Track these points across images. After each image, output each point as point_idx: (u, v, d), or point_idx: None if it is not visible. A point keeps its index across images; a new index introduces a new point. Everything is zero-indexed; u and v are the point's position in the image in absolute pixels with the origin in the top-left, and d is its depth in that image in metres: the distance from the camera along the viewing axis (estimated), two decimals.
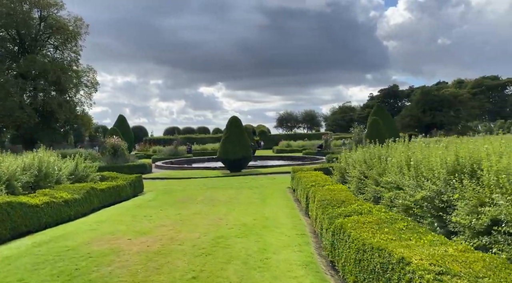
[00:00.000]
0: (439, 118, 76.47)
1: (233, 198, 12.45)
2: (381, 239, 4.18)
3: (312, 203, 8.36)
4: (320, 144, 35.37)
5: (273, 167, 24.20)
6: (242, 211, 9.95)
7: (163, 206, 11.27)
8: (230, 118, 23.01)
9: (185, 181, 18.82)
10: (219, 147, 22.74)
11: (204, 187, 15.81)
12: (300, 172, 12.72)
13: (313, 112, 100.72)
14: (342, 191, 8.35)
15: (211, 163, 31.82)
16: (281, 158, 33.95)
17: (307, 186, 9.74)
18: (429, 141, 13.01)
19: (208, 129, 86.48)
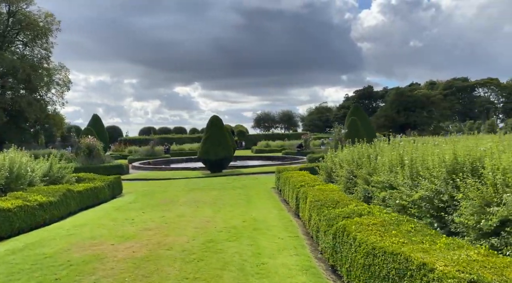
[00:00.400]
0: (412, 119, 78.15)
1: (217, 199, 12.08)
2: (392, 242, 3.94)
3: (304, 204, 8.11)
4: (300, 144, 35.34)
5: (254, 167, 23.90)
6: (229, 213, 9.61)
7: (145, 209, 10.78)
8: (211, 118, 22.57)
9: (165, 182, 18.28)
10: (200, 147, 22.26)
11: (185, 188, 15.35)
12: (286, 172, 12.47)
13: (290, 112, 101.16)
14: (334, 191, 8.14)
15: (190, 163, 31.24)
16: (261, 158, 33.72)
17: (296, 186, 9.49)
18: (409, 140, 13.07)
19: (185, 130, 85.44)
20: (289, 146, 43.94)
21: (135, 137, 63.82)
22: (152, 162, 31.39)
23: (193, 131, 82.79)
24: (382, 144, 11.01)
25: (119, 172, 23.05)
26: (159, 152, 37.41)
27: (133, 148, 43.99)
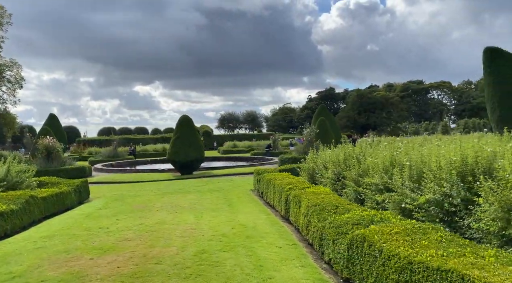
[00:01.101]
0: (372, 120, 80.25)
1: (196, 203, 11.41)
2: (429, 255, 3.56)
3: (296, 208, 7.67)
4: (268, 144, 35.05)
5: (226, 169, 23.28)
6: (214, 219, 9.00)
7: (119, 215, 9.95)
8: (181, 118, 21.72)
9: (134, 185, 17.29)
10: (169, 148, 21.36)
11: (158, 191, 14.52)
12: (267, 174, 12.01)
13: (254, 113, 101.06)
14: (329, 194, 7.76)
15: (157, 165, 30.14)
16: (229, 159, 33.08)
17: (284, 189, 9.04)
18: (379, 140, 13.03)
19: (146, 130, 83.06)
20: (256, 146, 43.61)
21: (95, 138, 61.18)
22: (116, 164, 29.99)
23: (155, 132, 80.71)
24: (365, 144, 10.83)
25: (82, 175, 21.74)
26: (122, 153, 35.88)
27: (94, 149, 42.05)
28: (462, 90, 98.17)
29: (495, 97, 18.29)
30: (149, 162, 33.31)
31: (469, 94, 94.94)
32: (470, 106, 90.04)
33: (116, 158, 33.83)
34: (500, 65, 18.28)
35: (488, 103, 19.16)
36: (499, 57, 18.50)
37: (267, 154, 33.31)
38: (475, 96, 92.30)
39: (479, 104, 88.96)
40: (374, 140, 15.76)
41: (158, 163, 32.83)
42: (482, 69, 19.31)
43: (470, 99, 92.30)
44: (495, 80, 18.31)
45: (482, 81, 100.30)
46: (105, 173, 24.02)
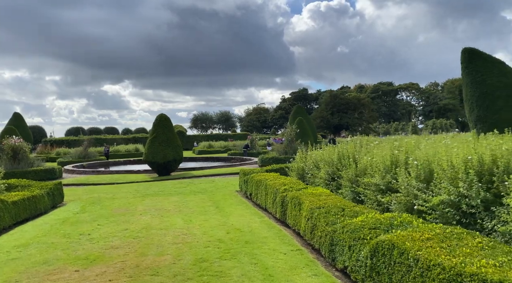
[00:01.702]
0: (345, 120, 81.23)
1: (181, 206, 10.79)
2: (481, 265, 3.20)
3: (295, 211, 7.24)
4: (246, 144, 34.55)
5: (206, 169, 22.62)
6: (204, 222, 8.45)
7: (99, 220, 9.21)
8: (158, 117, 20.88)
9: (110, 187, 16.40)
10: (146, 148, 20.48)
11: (137, 194, 13.76)
12: (255, 174, 11.53)
13: (228, 113, 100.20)
14: (330, 195, 7.38)
15: (131, 166, 29.06)
16: (206, 159, 32.38)
17: (279, 190, 8.59)
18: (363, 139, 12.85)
19: (117, 130, 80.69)
20: (233, 146, 43.04)
21: (62, 138, 58.64)
22: (87, 165, 28.67)
23: (126, 132, 78.62)
24: (361, 143, 10.56)
25: (51, 177, 20.61)
26: (93, 154, 34.46)
27: (62, 150, 40.28)
28: (430, 92, 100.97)
29: (473, 98, 18.54)
30: (122, 163, 32.13)
31: (436, 96, 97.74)
32: (437, 108, 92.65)
33: (87, 159, 32.45)
34: (478, 66, 18.53)
35: (466, 103, 19.41)
36: (476, 58, 18.76)
37: (244, 154, 32.81)
38: (442, 97, 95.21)
39: (445, 105, 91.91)
40: (351, 140, 15.51)
41: (132, 163, 31.74)
42: (448, 72, 19.56)
43: (437, 100, 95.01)
44: (473, 80, 18.55)
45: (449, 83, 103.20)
46: (77, 175, 22.84)
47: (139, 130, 76.12)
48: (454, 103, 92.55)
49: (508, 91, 17.66)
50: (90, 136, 55.24)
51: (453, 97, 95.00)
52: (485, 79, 18.14)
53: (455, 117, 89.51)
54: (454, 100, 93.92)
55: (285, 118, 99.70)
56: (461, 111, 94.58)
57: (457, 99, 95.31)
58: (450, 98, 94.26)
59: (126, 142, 52.78)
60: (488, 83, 18.03)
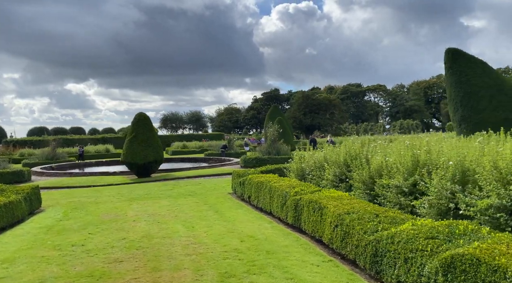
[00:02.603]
0: (317, 121, 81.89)
1: (175, 210, 10.01)
2: None
3: (315, 216, 6.67)
4: (224, 145, 33.77)
5: (187, 170, 21.74)
6: (209, 229, 7.75)
7: (89, 228, 8.32)
8: (137, 116, 19.81)
9: (89, 190, 15.28)
10: (124, 149, 19.37)
11: (122, 197, 12.80)
12: (254, 176, 10.90)
13: (199, 113, 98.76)
14: (352, 199, 6.87)
15: (104, 167, 27.67)
16: (182, 160, 31.35)
17: (289, 193, 8.01)
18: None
19: (83, 130, 77.69)
20: (208, 146, 42.13)
21: (25, 139, 55.66)
22: (56, 167, 27.02)
23: (94, 132, 75.83)
24: (362, 143, 10.16)
25: (19, 180, 19.17)
26: (62, 155, 32.63)
27: (26, 151, 38.06)
28: (396, 93, 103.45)
29: (458, 97, 18.71)
30: (94, 164, 30.58)
31: (402, 97, 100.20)
32: (403, 109, 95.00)
33: (56, 160, 30.68)
34: (462, 66, 18.74)
35: (450, 103, 19.59)
36: (460, 58, 18.98)
37: (222, 155, 32.04)
38: (408, 99, 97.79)
39: (411, 106, 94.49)
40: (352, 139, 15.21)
41: (105, 165, 30.30)
42: (411, 74, 19.67)
43: (404, 102, 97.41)
44: (457, 80, 18.73)
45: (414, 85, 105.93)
46: (47, 177, 21.37)
47: (107, 130, 73.59)
48: (419, 104, 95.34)
49: (491, 91, 17.94)
50: (55, 136, 52.68)
51: (418, 99, 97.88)
52: (469, 79, 18.35)
53: (420, 118, 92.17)
54: (419, 101, 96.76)
55: (257, 119, 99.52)
56: (426, 112, 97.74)
57: (422, 101, 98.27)
58: (416, 99, 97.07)
59: (94, 142, 50.68)
60: (473, 83, 18.25)
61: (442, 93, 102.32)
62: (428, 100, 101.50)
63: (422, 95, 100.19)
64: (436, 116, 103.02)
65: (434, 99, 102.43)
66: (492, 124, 16.57)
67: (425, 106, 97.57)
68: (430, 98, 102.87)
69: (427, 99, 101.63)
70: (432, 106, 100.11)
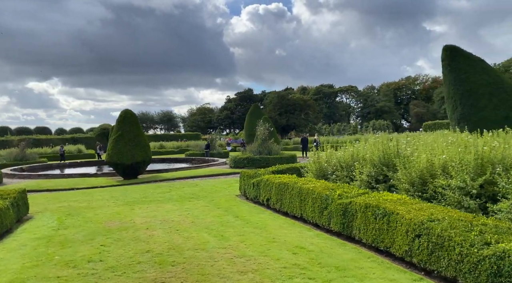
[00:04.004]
0: (292, 121, 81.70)
1: (188, 216, 8.89)
2: None
3: (380, 223, 5.80)
4: (207, 144, 32.54)
5: (175, 171, 20.46)
6: (245, 239, 6.72)
7: (97, 238, 7.10)
8: (123, 113, 18.37)
9: (75, 193, 13.80)
10: (109, 149, 17.88)
11: (118, 201, 11.50)
12: (272, 176, 9.91)
13: (170, 113, 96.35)
14: (419, 203, 6.02)
15: (80, 168, 25.90)
16: (163, 160, 29.88)
17: (331, 196, 7.10)
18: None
19: (49, 130, 73.77)
20: (186, 146, 40.75)
21: None
22: (27, 168, 25.00)
23: (61, 132, 72.27)
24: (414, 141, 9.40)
25: None
26: (32, 156, 30.38)
27: None
28: (367, 95, 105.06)
29: (457, 95, 18.43)
30: (68, 165, 28.61)
31: (373, 98, 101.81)
32: (374, 109, 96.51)
33: (25, 161, 28.48)
34: (461, 63, 18.47)
35: (448, 102, 19.30)
36: (459, 56, 18.71)
37: (207, 155, 30.86)
38: (378, 100, 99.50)
39: (382, 107, 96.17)
40: (373, 137, 14.54)
41: (80, 166, 28.44)
42: (378, 76, 19.36)
43: (374, 102, 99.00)
44: (456, 78, 18.45)
45: (384, 87, 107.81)
46: (20, 179, 19.51)
47: (76, 130, 70.30)
48: (389, 105, 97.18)
49: (491, 89, 17.74)
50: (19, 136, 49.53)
51: (388, 100, 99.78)
52: (468, 77, 18.10)
53: (391, 118, 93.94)
54: (389, 102, 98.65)
55: (231, 119, 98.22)
56: (395, 113, 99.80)
57: (392, 102, 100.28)
58: (386, 100, 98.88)
59: (63, 143, 48.07)
60: (472, 81, 18.00)
61: (411, 94, 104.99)
62: (397, 102, 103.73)
63: (391, 97, 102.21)
64: (405, 117, 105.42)
65: (403, 100, 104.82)
66: (492, 122, 16.42)
67: (395, 107, 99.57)
68: (399, 100, 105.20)
69: (396, 100, 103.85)
70: (401, 107, 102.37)
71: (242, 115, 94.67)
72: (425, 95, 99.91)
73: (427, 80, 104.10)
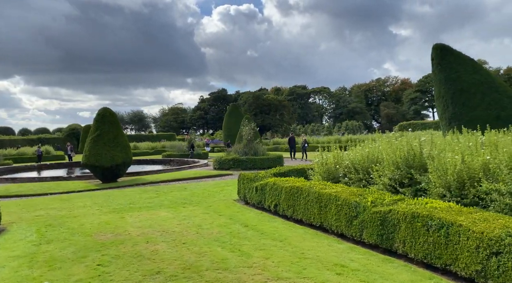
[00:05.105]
0: (268, 121, 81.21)
1: (188, 225, 7.86)
2: None
3: (435, 236, 5.02)
4: (191, 144, 31.35)
5: (157, 174, 19.27)
6: (268, 254, 5.80)
7: (90, 255, 5.99)
8: (101, 112, 16.99)
9: (52, 200, 12.39)
10: (86, 150, 16.47)
11: (103, 208, 10.28)
12: (278, 180, 9.01)
13: (141, 113, 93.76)
14: (478, 212, 5.26)
15: (50, 171, 24.11)
16: (139, 162, 28.43)
17: (363, 204, 6.28)
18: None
19: (12, 130, 69.92)
20: (161, 147, 39.30)
21: None
22: None
23: (25, 133, 68.62)
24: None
25: None
26: None
27: None
28: (339, 96, 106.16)
29: (448, 94, 18.15)
30: (37, 168, 26.70)
31: (345, 100, 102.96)
32: (346, 110, 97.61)
33: None
34: (451, 62, 18.24)
35: (438, 101, 19.01)
36: (449, 54, 18.46)
37: (191, 155, 29.78)
38: (350, 101, 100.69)
39: (354, 108, 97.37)
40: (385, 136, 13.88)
41: (50, 168, 26.58)
42: (347, 78, 19.14)
43: (347, 104, 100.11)
44: (447, 77, 18.19)
45: (355, 88, 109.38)
46: None
47: (42, 131, 66.90)
48: (361, 106, 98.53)
49: (483, 88, 17.56)
50: None
51: (360, 101, 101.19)
52: (460, 76, 17.86)
53: (362, 119, 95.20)
54: (361, 103, 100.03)
55: (205, 119, 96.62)
56: (367, 114, 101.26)
57: (363, 103, 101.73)
58: (357, 101, 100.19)
59: (28, 144, 45.59)
60: (463, 80, 17.78)
61: (381, 96, 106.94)
62: (368, 103, 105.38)
63: (363, 98, 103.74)
64: (375, 118, 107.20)
65: (373, 101, 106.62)
66: (484, 122, 16.18)
67: (366, 108, 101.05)
68: (370, 101, 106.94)
69: (367, 101, 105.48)
70: (372, 108, 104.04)
71: (216, 115, 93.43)
72: (395, 97, 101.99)
73: (396, 82, 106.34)
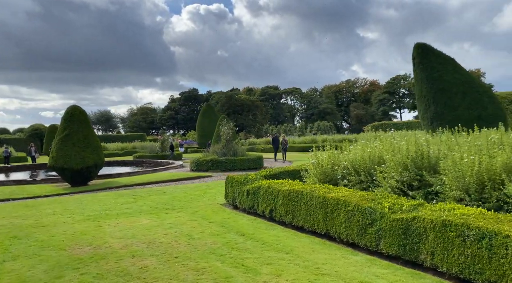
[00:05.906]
0: (241, 121, 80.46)
1: (176, 234, 7.00)
2: None
3: (474, 249, 4.46)
4: (171, 145, 30.16)
5: (129, 176, 18.10)
6: (279, 271, 5.06)
7: (67, 275, 5.06)
8: (70, 110, 15.68)
9: (16, 206, 11.12)
10: (53, 151, 15.14)
11: (75, 216, 9.20)
12: (273, 182, 8.28)
13: (108, 113, 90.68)
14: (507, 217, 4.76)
15: (14, 174, 22.38)
16: (109, 163, 26.94)
17: (380, 210, 5.64)
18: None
19: None
20: (132, 148, 37.78)
21: None
22: None
23: None
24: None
25: None
26: None
27: None
28: (310, 96, 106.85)
29: (430, 94, 18.04)
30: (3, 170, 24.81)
31: (316, 100, 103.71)
32: (317, 111, 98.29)
33: None
34: (432, 62, 18.13)
35: (420, 100, 18.89)
36: (430, 54, 18.37)
37: (171, 156, 28.64)
38: (321, 102, 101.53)
39: (325, 109, 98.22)
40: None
41: (11, 171, 24.74)
42: (316, 79, 18.97)
43: (318, 104, 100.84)
44: (428, 76, 18.07)
45: (326, 89, 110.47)
46: None
47: (1, 131, 63.25)
48: (331, 107, 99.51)
49: (464, 88, 17.55)
50: None
51: (330, 102, 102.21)
52: (441, 75, 17.79)
53: (333, 120, 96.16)
54: (331, 104, 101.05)
55: (175, 119, 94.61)
56: (337, 114, 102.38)
57: (333, 104, 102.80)
58: (328, 102, 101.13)
59: None
60: (445, 80, 17.71)
61: (351, 97, 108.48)
62: (338, 104, 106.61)
63: (333, 99, 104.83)
64: (345, 118, 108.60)
65: (343, 102, 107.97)
66: (466, 122, 16.08)
67: (336, 109, 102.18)
68: (340, 102, 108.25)
69: (337, 102, 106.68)
70: (342, 109, 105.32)
71: (188, 115, 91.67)
72: (364, 98, 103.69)
73: (365, 83, 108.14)
